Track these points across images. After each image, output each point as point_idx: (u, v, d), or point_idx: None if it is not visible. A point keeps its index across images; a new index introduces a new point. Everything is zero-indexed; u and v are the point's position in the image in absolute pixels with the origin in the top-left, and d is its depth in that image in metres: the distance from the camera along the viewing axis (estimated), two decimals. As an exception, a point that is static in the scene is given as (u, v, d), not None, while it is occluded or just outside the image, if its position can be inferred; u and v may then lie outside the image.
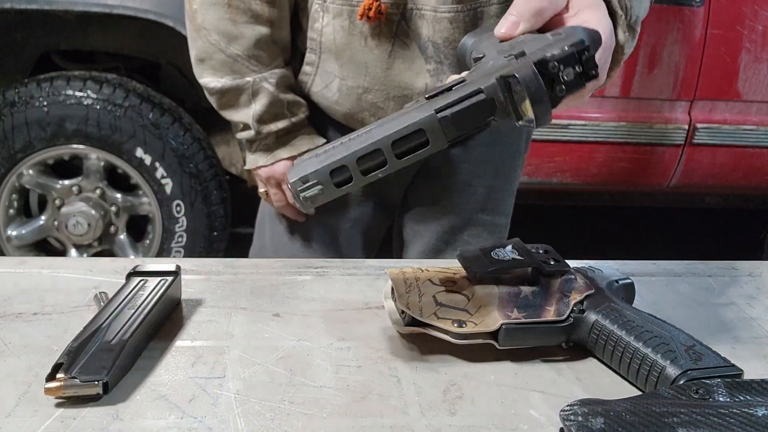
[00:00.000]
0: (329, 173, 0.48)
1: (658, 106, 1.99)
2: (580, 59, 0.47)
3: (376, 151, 0.48)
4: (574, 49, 0.47)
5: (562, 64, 0.46)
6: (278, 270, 0.73)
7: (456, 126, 0.48)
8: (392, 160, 0.48)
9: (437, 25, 0.83)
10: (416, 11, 0.83)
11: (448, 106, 0.48)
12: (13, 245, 1.96)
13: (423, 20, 0.84)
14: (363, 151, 0.47)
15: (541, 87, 0.46)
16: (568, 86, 0.47)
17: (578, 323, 0.58)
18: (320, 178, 0.48)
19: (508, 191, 1.07)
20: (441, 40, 0.84)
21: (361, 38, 0.86)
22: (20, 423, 0.47)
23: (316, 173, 0.48)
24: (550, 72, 0.46)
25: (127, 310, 0.57)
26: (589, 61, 0.47)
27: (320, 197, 0.48)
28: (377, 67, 0.87)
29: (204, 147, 1.94)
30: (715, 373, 0.51)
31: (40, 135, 1.84)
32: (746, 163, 2.10)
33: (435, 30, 0.84)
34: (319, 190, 0.48)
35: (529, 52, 0.48)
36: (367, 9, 0.81)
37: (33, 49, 2.06)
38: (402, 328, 0.60)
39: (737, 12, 1.90)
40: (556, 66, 0.46)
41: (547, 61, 0.46)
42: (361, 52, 0.87)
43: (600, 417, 0.44)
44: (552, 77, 0.46)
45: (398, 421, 0.49)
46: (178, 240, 1.96)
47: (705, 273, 0.79)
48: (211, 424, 0.48)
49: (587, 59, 0.47)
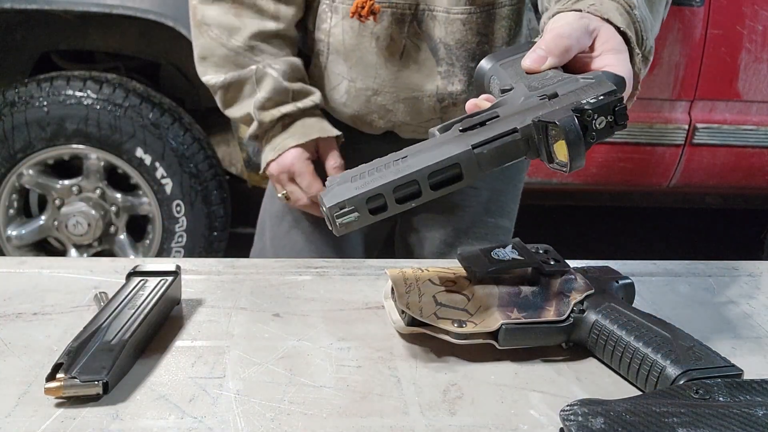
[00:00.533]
0: (365, 201, 0.48)
1: (658, 106, 1.99)
2: (612, 110, 0.48)
3: (413, 181, 0.49)
4: (608, 100, 0.48)
5: (597, 113, 0.48)
6: (278, 270, 0.73)
7: (490, 162, 0.49)
8: (427, 190, 0.49)
9: (450, 27, 0.82)
10: (428, 12, 0.82)
11: (485, 142, 0.49)
12: (13, 245, 1.96)
13: (435, 21, 0.83)
14: (400, 181, 0.48)
15: (580, 135, 0.47)
16: (599, 134, 0.49)
17: (578, 323, 0.58)
18: (357, 205, 0.48)
19: (513, 194, 1.06)
20: (453, 41, 0.83)
21: (371, 39, 0.84)
22: (20, 423, 0.47)
23: (352, 200, 0.48)
24: (585, 119, 0.48)
25: (127, 310, 0.57)
26: (620, 112, 0.49)
27: (355, 224, 0.49)
28: (387, 69, 0.86)
29: (204, 147, 1.94)
30: (715, 373, 0.51)
31: (40, 135, 1.84)
32: (746, 163, 2.10)
33: (447, 31, 0.83)
34: (356, 217, 0.49)
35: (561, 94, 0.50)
36: (359, 7, 0.80)
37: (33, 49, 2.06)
38: (402, 328, 0.60)
39: (737, 12, 1.90)
40: (591, 114, 0.48)
41: (584, 110, 0.48)
42: (370, 54, 0.85)
43: (600, 417, 0.44)
44: (586, 125, 0.48)
45: (398, 421, 0.49)
46: (178, 240, 1.96)
47: (705, 273, 0.79)
48: (211, 424, 0.48)
49: (620, 110, 0.49)
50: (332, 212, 0.49)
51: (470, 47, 0.85)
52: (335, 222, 0.49)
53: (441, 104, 0.88)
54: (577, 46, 0.57)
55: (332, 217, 0.49)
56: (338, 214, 0.49)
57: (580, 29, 0.57)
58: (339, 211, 0.49)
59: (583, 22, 0.57)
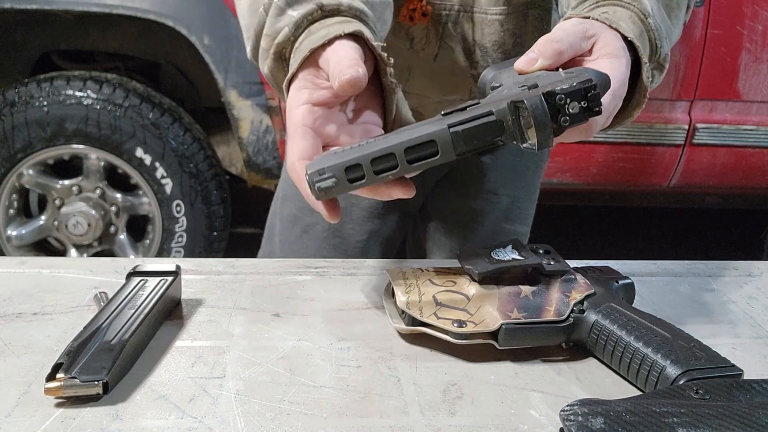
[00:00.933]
0: (344, 169, 0.52)
1: (658, 106, 1.99)
2: (586, 95, 0.51)
3: (390, 155, 0.52)
4: (582, 86, 0.51)
5: (569, 97, 0.51)
6: (278, 270, 0.73)
7: (465, 141, 0.52)
8: (403, 164, 0.52)
9: (487, 28, 0.80)
10: (464, 13, 0.79)
11: (460, 122, 0.52)
12: (13, 245, 1.97)
13: (471, 23, 0.80)
14: (378, 153, 0.52)
15: (546, 114, 0.50)
16: (572, 118, 0.51)
17: (578, 323, 0.58)
18: (335, 173, 0.52)
19: (531, 199, 1.04)
20: (490, 43, 0.81)
21: (407, 40, 0.81)
22: (20, 423, 0.47)
23: (332, 168, 0.52)
24: (557, 103, 0.50)
25: (127, 310, 0.57)
26: (594, 98, 0.51)
27: (333, 189, 0.53)
28: (420, 71, 0.83)
29: (204, 147, 1.94)
30: (715, 373, 0.51)
31: (40, 135, 1.84)
32: (746, 163, 2.10)
33: (484, 33, 0.80)
34: (333, 182, 0.53)
35: (541, 85, 0.53)
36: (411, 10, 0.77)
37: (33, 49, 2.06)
38: (402, 328, 0.60)
39: (737, 12, 1.90)
40: (563, 98, 0.50)
41: (555, 93, 0.50)
42: (405, 55, 0.82)
43: (600, 417, 0.44)
44: (558, 108, 0.51)
45: (398, 421, 0.49)
46: (178, 240, 1.96)
47: (705, 273, 0.79)
48: (211, 424, 0.48)
49: (593, 96, 0.51)
50: (312, 178, 0.53)
51: (506, 48, 0.83)
52: (314, 186, 0.53)
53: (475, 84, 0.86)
54: (569, 50, 0.57)
55: (312, 182, 0.53)
56: (318, 179, 0.53)
57: (575, 34, 0.57)
58: (318, 177, 0.53)
59: (581, 27, 0.58)
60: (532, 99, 0.50)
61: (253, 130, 1.91)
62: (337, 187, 0.53)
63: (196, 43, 1.79)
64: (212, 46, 1.80)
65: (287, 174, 1.01)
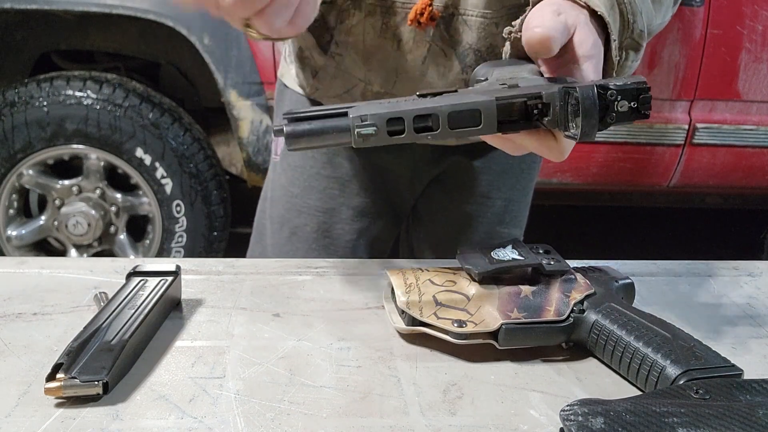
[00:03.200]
0: (386, 120, 0.52)
1: (658, 106, 1.99)
2: (638, 96, 0.51)
3: (434, 116, 0.52)
4: (635, 86, 0.51)
5: (621, 95, 0.50)
6: (278, 270, 0.73)
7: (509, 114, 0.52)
8: (444, 127, 0.52)
9: (483, 32, 0.77)
10: (458, 16, 0.77)
11: (508, 97, 0.52)
12: (13, 245, 1.97)
13: (466, 26, 0.77)
14: (422, 111, 0.52)
15: (595, 105, 0.49)
16: (619, 116, 0.51)
17: (578, 323, 0.58)
18: (377, 122, 0.52)
19: (525, 202, 1.03)
20: (485, 47, 0.78)
21: (394, 41, 0.79)
22: (20, 423, 0.47)
23: (374, 116, 0.52)
24: (608, 98, 0.50)
25: (127, 310, 0.57)
26: (645, 101, 0.51)
27: (372, 138, 0.52)
28: (408, 74, 0.80)
29: (204, 147, 1.94)
30: (715, 373, 0.51)
31: (40, 135, 1.84)
32: (746, 163, 2.10)
33: (479, 36, 0.77)
34: (373, 131, 0.52)
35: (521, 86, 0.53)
36: (419, 14, 0.75)
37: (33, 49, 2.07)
38: (402, 328, 0.60)
39: (737, 12, 1.91)
40: (615, 95, 0.50)
41: (608, 88, 0.50)
42: (392, 57, 0.80)
43: (600, 417, 0.44)
44: (608, 104, 0.50)
45: (398, 421, 0.49)
46: (178, 240, 1.96)
47: (705, 273, 0.79)
48: (211, 424, 0.48)
49: (644, 99, 0.51)
50: (354, 122, 0.52)
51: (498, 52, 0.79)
52: (354, 131, 0.52)
53: None
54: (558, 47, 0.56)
55: (353, 126, 0.52)
56: (359, 124, 0.52)
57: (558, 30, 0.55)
58: (360, 122, 0.52)
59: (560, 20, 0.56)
60: (584, 87, 0.49)
61: (253, 130, 1.91)
62: (376, 136, 0.52)
63: (196, 43, 1.80)
64: (212, 46, 1.80)
65: (274, 174, 1.00)
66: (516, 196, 1.00)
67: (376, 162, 0.92)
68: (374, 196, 0.94)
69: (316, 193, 0.93)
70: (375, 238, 0.98)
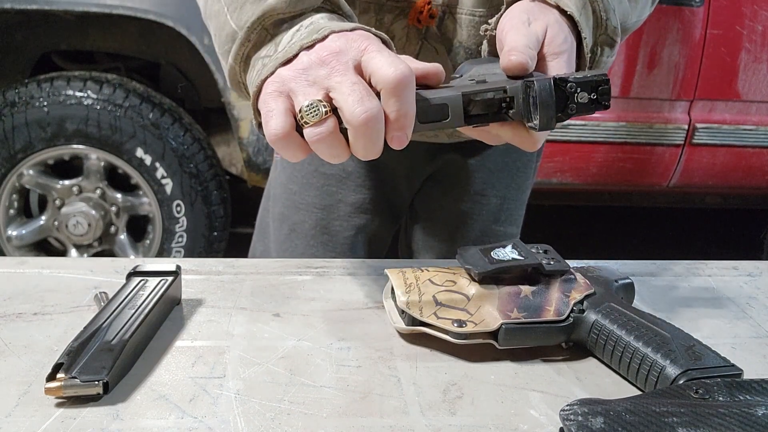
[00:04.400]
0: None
1: (658, 106, 2.00)
2: (596, 88, 0.53)
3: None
4: (594, 79, 0.53)
5: (580, 87, 0.52)
6: (278, 270, 0.73)
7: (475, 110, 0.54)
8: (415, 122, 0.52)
9: (473, 30, 0.78)
10: (449, 14, 0.77)
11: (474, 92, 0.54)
12: (14, 245, 1.97)
13: (457, 24, 0.78)
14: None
15: (551, 96, 0.51)
16: (580, 107, 0.53)
17: (578, 323, 0.58)
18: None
19: (521, 201, 1.03)
20: (475, 45, 0.79)
21: None
22: (20, 423, 0.47)
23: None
24: (567, 90, 0.52)
25: (128, 310, 0.57)
26: (604, 93, 0.53)
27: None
28: None
29: (204, 147, 1.94)
30: (715, 373, 0.51)
31: (41, 135, 1.84)
32: (746, 163, 2.10)
33: (469, 34, 0.78)
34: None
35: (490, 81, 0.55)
36: (418, 12, 0.75)
37: (33, 49, 2.07)
38: (402, 328, 0.60)
39: (737, 12, 1.91)
40: (574, 87, 0.52)
41: (567, 81, 0.52)
42: None
43: (600, 417, 0.45)
44: (568, 95, 0.52)
45: (398, 421, 0.49)
46: (178, 240, 1.96)
47: (705, 273, 0.79)
48: (211, 424, 0.48)
49: (603, 90, 0.53)
50: None
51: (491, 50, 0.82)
52: None
53: None
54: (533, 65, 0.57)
55: None
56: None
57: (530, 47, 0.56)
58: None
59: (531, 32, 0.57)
60: (542, 81, 0.51)
61: (253, 130, 1.91)
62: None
63: (196, 43, 1.80)
64: (212, 46, 1.80)
65: (275, 172, 1.01)
66: (511, 194, 1.00)
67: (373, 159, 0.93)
68: (371, 193, 0.95)
69: (314, 189, 0.94)
70: (373, 235, 0.98)
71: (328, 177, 0.93)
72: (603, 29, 0.62)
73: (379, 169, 0.94)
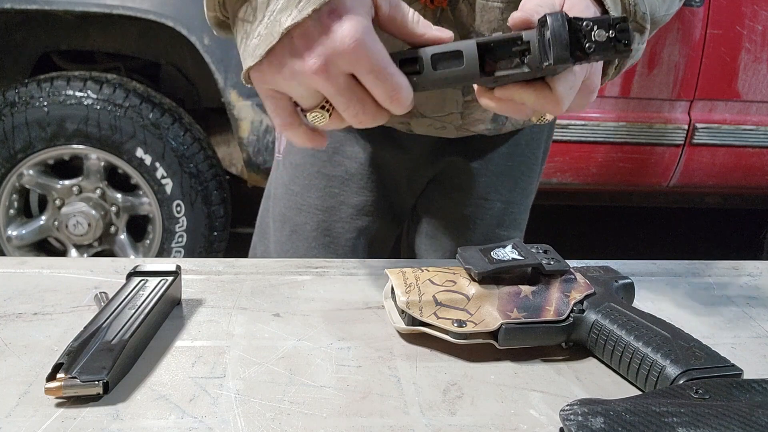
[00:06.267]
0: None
1: (658, 106, 2.00)
2: (614, 26, 0.50)
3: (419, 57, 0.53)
4: (610, 17, 0.50)
5: (596, 24, 0.50)
6: (278, 270, 0.73)
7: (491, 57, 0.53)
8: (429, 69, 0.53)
9: (486, 15, 0.77)
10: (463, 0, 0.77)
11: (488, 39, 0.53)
12: (14, 245, 1.97)
13: (470, 9, 0.77)
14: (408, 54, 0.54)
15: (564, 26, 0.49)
16: (598, 47, 0.50)
17: (578, 323, 0.58)
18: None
19: (525, 205, 1.02)
20: (489, 32, 0.78)
21: None
22: (20, 423, 0.47)
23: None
24: (583, 28, 0.50)
25: (128, 310, 0.57)
26: (623, 30, 0.50)
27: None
28: None
29: (204, 147, 1.94)
30: (715, 372, 0.51)
31: (41, 135, 1.84)
32: (746, 163, 2.10)
33: (483, 20, 0.77)
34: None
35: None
36: None
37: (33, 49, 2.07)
38: (402, 328, 0.60)
39: (737, 12, 1.91)
40: (590, 24, 0.50)
41: (581, 19, 0.50)
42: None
43: (600, 417, 0.45)
44: (584, 33, 0.50)
45: (398, 421, 0.49)
46: (178, 240, 1.96)
47: (705, 273, 0.79)
48: (211, 424, 0.48)
49: (621, 28, 0.50)
50: None
51: None
52: None
53: (464, 97, 0.85)
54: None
55: None
56: None
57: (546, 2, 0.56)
58: None
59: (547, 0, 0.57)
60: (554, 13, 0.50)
61: (253, 130, 1.91)
62: None
63: (196, 43, 1.80)
64: (212, 46, 1.80)
65: (277, 172, 1.00)
66: (515, 198, 1.00)
67: (375, 160, 0.92)
68: (374, 195, 0.94)
69: (316, 191, 0.94)
70: (375, 238, 0.98)
71: (330, 179, 0.93)
72: (632, 16, 0.62)
73: (382, 171, 0.94)
